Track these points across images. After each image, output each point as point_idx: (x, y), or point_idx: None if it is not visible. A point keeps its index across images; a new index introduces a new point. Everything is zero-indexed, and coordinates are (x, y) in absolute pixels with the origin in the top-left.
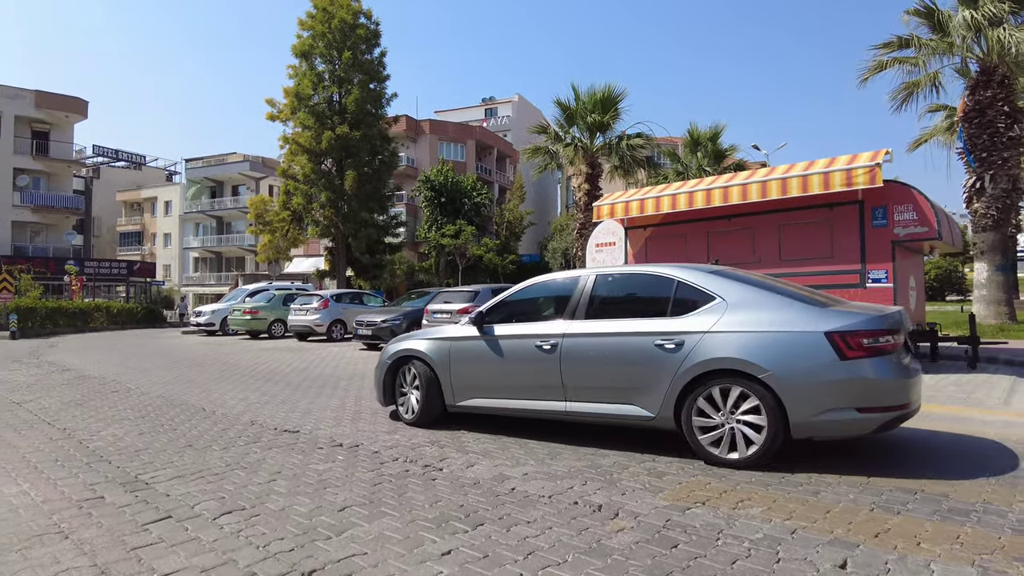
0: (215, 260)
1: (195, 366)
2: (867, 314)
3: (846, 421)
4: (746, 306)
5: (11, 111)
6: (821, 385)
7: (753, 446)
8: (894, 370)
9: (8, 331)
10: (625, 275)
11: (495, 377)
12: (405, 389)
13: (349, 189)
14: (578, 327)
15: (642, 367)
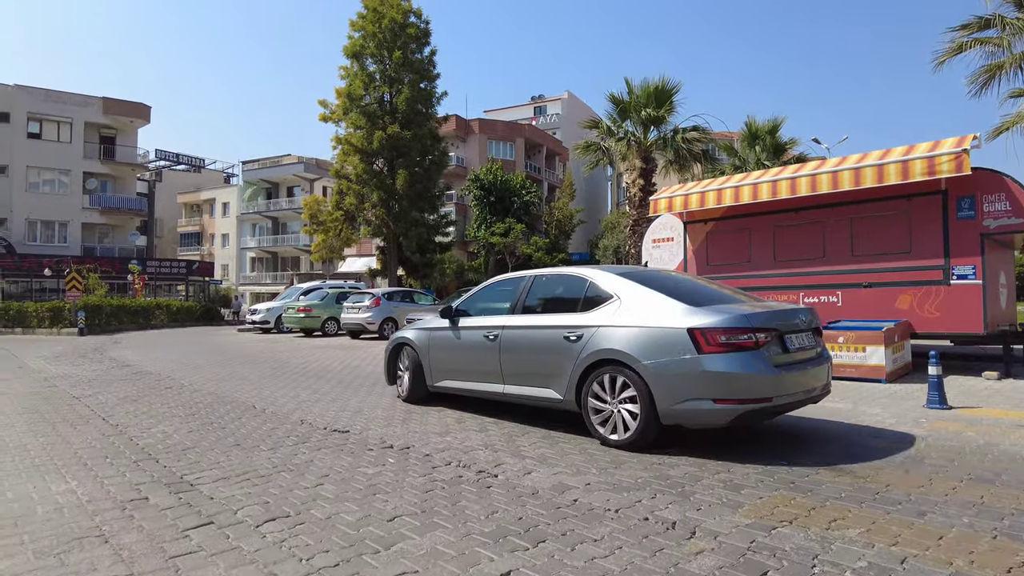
0: (271, 260)
1: (248, 363)
2: (733, 313)
3: (703, 411)
4: (635, 304)
5: (81, 118)
6: (682, 376)
7: (630, 430)
8: (753, 365)
9: (77, 328)
10: (555, 276)
11: (459, 363)
12: (401, 371)
13: (400, 188)
14: (514, 320)
15: (555, 355)
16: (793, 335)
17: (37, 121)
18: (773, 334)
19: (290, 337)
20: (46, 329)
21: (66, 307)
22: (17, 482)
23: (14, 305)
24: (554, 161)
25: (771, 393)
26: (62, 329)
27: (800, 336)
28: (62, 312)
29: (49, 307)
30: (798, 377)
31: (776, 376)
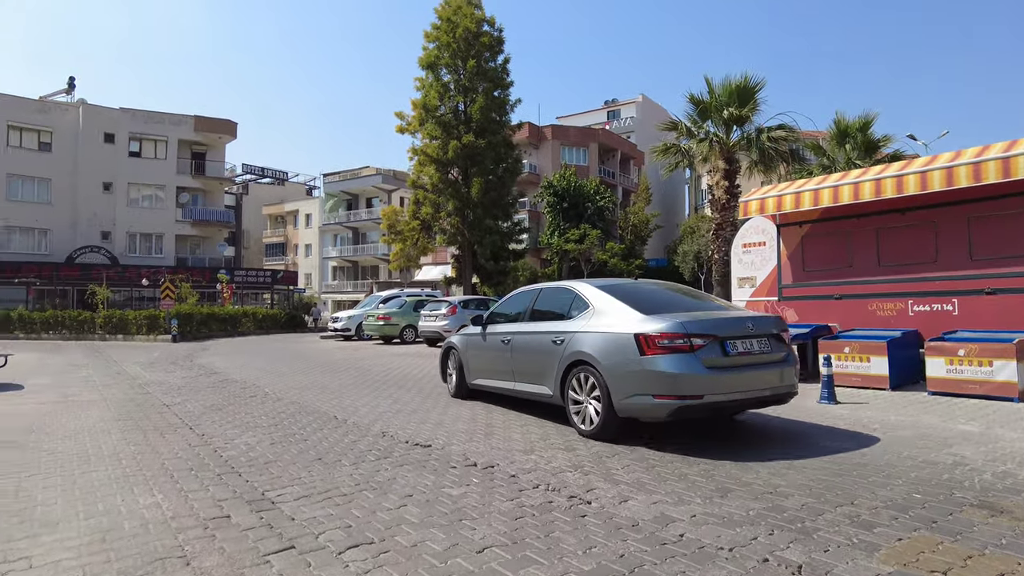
0: (351, 268)
1: (330, 371)
2: (673, 320)
3: (645, 405)
4: (603, 313)
5: (175, 135)
6: (630, 375)
7: (595, 422)
8: (687, 365)
9: (171, 335)
10: (553, 288)
11: (486, 363)
12: (449, 371)
13: (475, 197)
14: (522, 327)
15: (546, 356)
16: (737, 340)
17: (137, 140)
18: (711, 339)
19: (370, 344)
20: (143, 336)
21: (161, 315)
22: (108, 493)
23: (116, 313)
24: (628, 165)
25: (702, 391)
26: (157, 336)
27: (747, 342)
28: (157, 320)
29: (146, 315)
30: (736, 378)
31: (708, 376)
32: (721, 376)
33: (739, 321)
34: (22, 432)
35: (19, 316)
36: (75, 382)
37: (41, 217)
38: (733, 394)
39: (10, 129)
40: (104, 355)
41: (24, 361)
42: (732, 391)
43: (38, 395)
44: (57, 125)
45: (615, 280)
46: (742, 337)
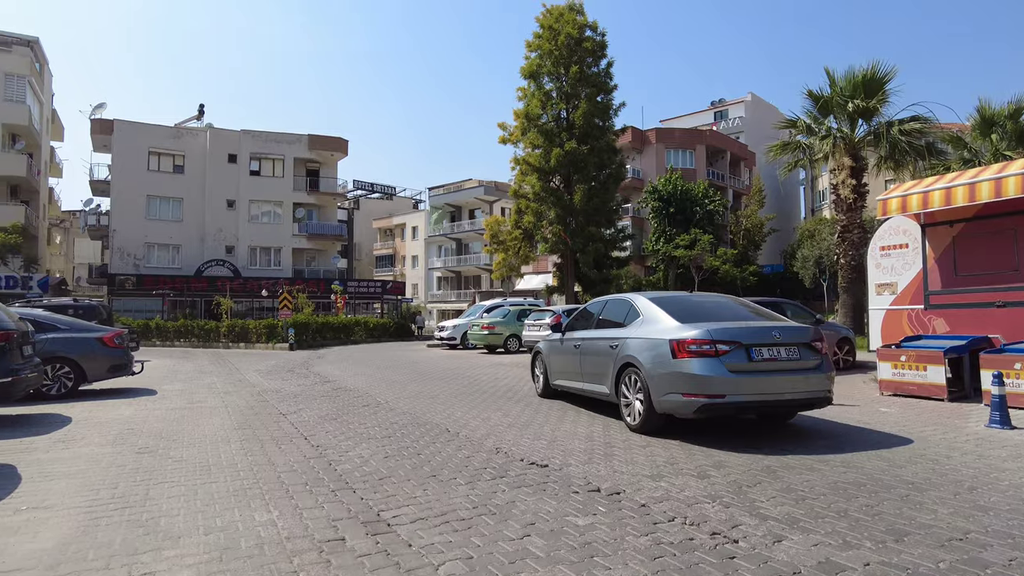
0: (455, 279)
1: (439, 380)
2: (703, 328)
3: (676, 402)
4: (650, 321)
5: (291, 154)
6: (664, 375)
7: (638, 417)
8: (712, 368)
9: (288, 343)
10: (616, 300)
11: (563, 366)
12: (537, 373)
13: (577, 204)
14: (589, 334)
15: (605, 359)
16: (763, 348)
17: (257, 160)
18: (735, 346)
19: (475, 353)
20: (263, 344)
21: (279, 324)
22: (226, 507)
23: (239, 323)
24: (739, 167)
25: (725, 392)
26: (276, 344)
27: (773, 349)
28: (276, 329)
29: (266, 324)
30: (759, 382)
31: (731, 378)
32: (744, 379)
33: (765, 330)
34: (154, 438)
35: (156, 325)
36: (201, 388)
37: (174, 234)
38: (756, 396)
39: (150, 155)
40: (227, 362)
41: (159, 367)
42: (755, 393)
43: (169, 401)
44: (188, 149)
45: (668, 292)
46: (768, 345)
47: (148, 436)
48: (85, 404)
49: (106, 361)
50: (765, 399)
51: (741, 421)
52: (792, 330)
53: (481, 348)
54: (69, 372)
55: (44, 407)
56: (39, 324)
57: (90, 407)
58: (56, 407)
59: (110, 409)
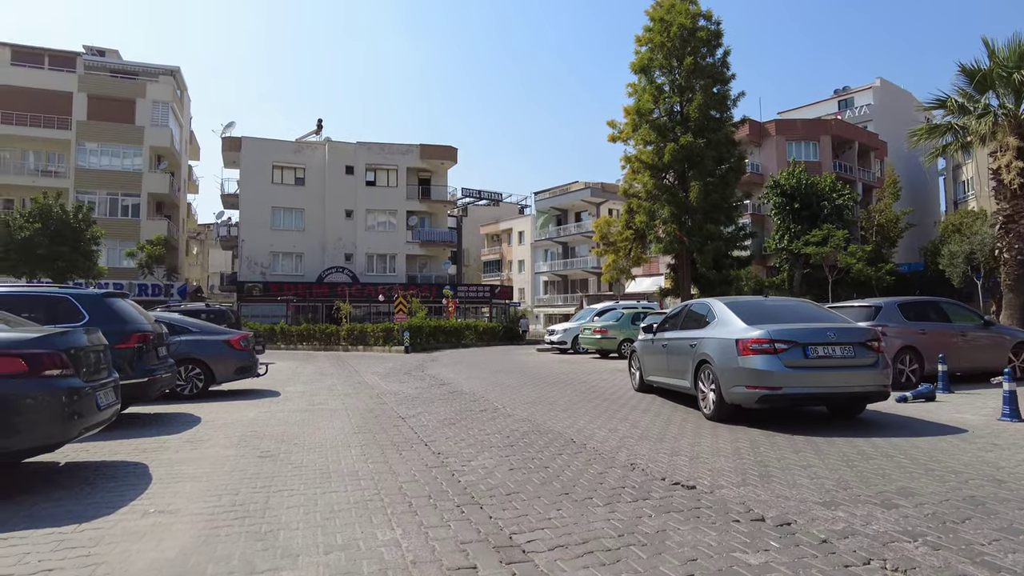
0: (561, 283)
1: (555, 385)
2: (764, 329)
3: (741, 393)
4: (722, 323)
5: (404, 164)
6: (731, 370)
7: (712, 407)
8: (770, 364)
9: (403, 346)
10: (697, 304)
11: (653, 363)
12: (633, 370)
13: (694, 201)
14: (674, 335)
15: (686, 357)
16: (818, 346)
17: (372, 171)
18: (792, 344)
19: (586, 358)
20: (380, 347)
21: (395, 328)
22: (347, 522)
23: (357, 326)
24: (868, 158)
25: (781, 384)
26: (392, 347)
27: (828, 347)
28: (392, 332)
29: (382, 328)
30: (814, 376)
31: (787, 373)
32: (799, 373)
33: (821, 331)
34: (276, 441)
35: (280, 329)
36: (322, 391)
37: (297, 242)
38: (810, 389)
39: (274, 168)
40: (346, 365)
41: (282, 369)
42: (809, 386)
43: (291, 403)
44: (308, 162)
45: (743, 297)
46: (823, 344)
47: (270, 439)
48: (213, 405)
49: (233, 363)
50: (819, 392)
51: None
52: (847, 331)
53: (593, 353)
54: (200, 373)
55: (177, 407)
56: (173, 327)
57: (218, 408)
58: (188, 407)
59: (236, 410)
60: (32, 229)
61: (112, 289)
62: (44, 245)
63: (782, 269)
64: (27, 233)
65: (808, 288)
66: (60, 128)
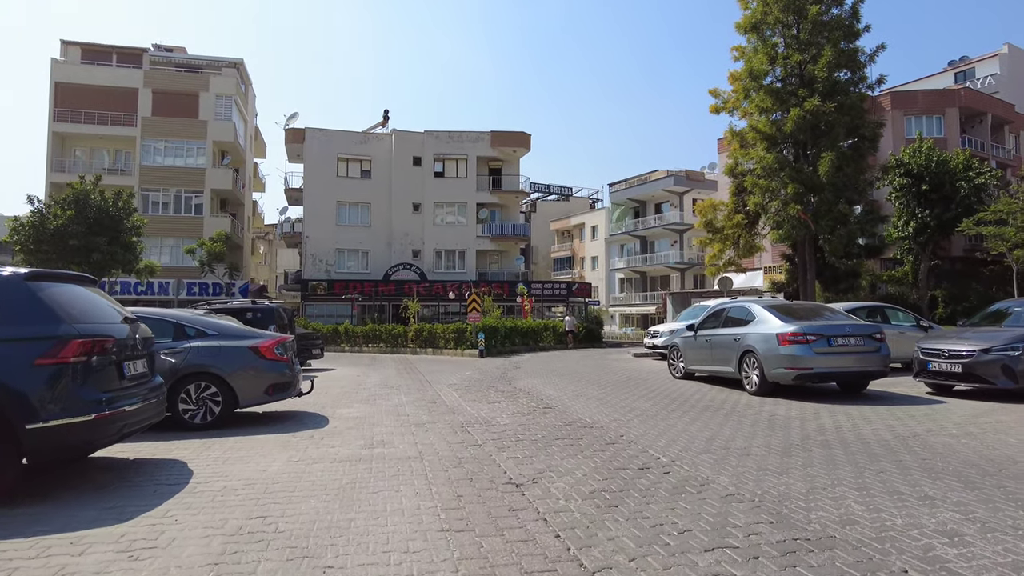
0: (639, 280)
1: (700, 410)
2: (798, 325)
3: (781, 373)
4: (762, 321)
5: (474, 153)
6: (773, 356)
7: (755, 386)
8: (804, 351)
9: (477, 349)
10: (737, 305)
11: (696, 355)
12: (673, 362)
13: (823, 176)
14: (717, 331)
15: (730, 349)
16: (839, 337)
17: (440, 161)
18: (820, 336)
19: None
20: (451, 350)
21: (468, 329)
22: None
23: (427, 327)
24: (1002, 132)
25: (812, 366)
26: (464, 350)
27: (846, 339)
28: (464, 333)
29: (453, 329)
30: (836, 359)
31: (816, 357)
32: (825, 358)
33: (841, 326)
34: (301, 536)
35: (345, 330)
36: (385, 416)
37: (363, 239)
38: (833, 369)
39: (339, 161)
40: (416, 372)
41: (340, 379)
42: (832, 367)
43: (340, 441)
44: (375, 154)
45: (774, 300)
46: (842, 336)
47: (287, 537)
48: (226, 443)
49: (263, 378)
50: (841, 370)
51: None
52: (860, 326)
53: None
54: (216, 393)
55: (172, 445)
56: (180, 328)
57: (228, 451)
58: (188, 446)
59: (252, 457)
60: (65, 217)
61: (45, 271)
62: (79, 235)
63: (906, 261)
64: (60, 222)
65: (937, 282)
66: (127, 125)
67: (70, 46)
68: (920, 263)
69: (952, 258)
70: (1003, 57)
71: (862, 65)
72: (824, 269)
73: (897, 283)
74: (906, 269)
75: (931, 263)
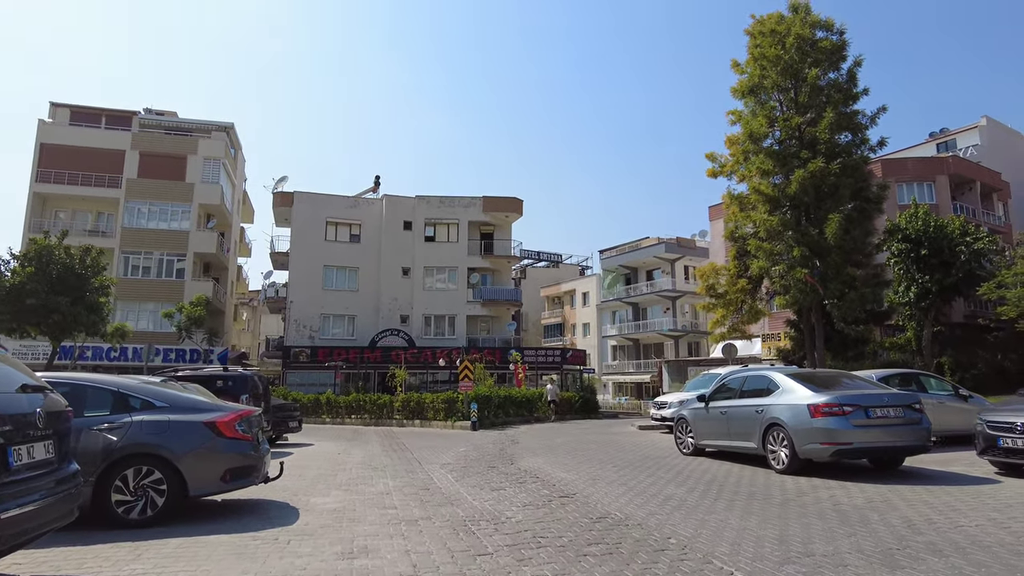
0: (632, 347)
1: (757, 499)
2: (832, 395)
3: (816, 449)
4: (785, 391)
5: (466, 217)
6: (805, 430)
7: (785, 463)
8: (840, 424)
9: (470, 421)
10: (756, 375)
11: (709, 428)
12: (681, 436)
13: (831, 239)
14: (732, 403)
15: (751, 422)
16: (876, 408)
17: (432, 225)
18: (857, 407)
19: None
20: (440, 421)
21: (459, 398)
22: None
23: (415, 396)
24: (991, 200)
25: (851, 440)
26: (455, 422)
27: (884, 410)
28: (455, 404)
29: (443, 398)
30: (874, 433)
31: (854, 431)
32: (864, 431)
33: (878, 396)
34: None
35: (327, 400)
36: (369, 509)
37: (350, 304)
38: (873, 443)
39: (327, 225)
40: (403, 448)
41: (319, 456)
42: (872, 442)
43: (310, 546)
44: (364, 218)
45: (795, 368)
46: (880, 406)
47: None
48: (164, 548)
49: (220, 461)
50: (881, 445)
51: None
52: (898, 396)
53: None
54: (161, 480)
55: (95, 550)
56: (122, 399)
57: (163, 563)
58: (112, 554)
59: (195, 574)
60: (24, 274)
61: None
62: (38, 294)
63: (907, 327)
64: (19, 279)
65: (941, 349)
66: (111, 187)
67: (59, 108)
68: (923, 329)
69: (952, 324)
70: (982, 129)
71: (863, 127)
72: (832, 335)
73: (900, 350)
74: (908, 336)
75: (934, 329)
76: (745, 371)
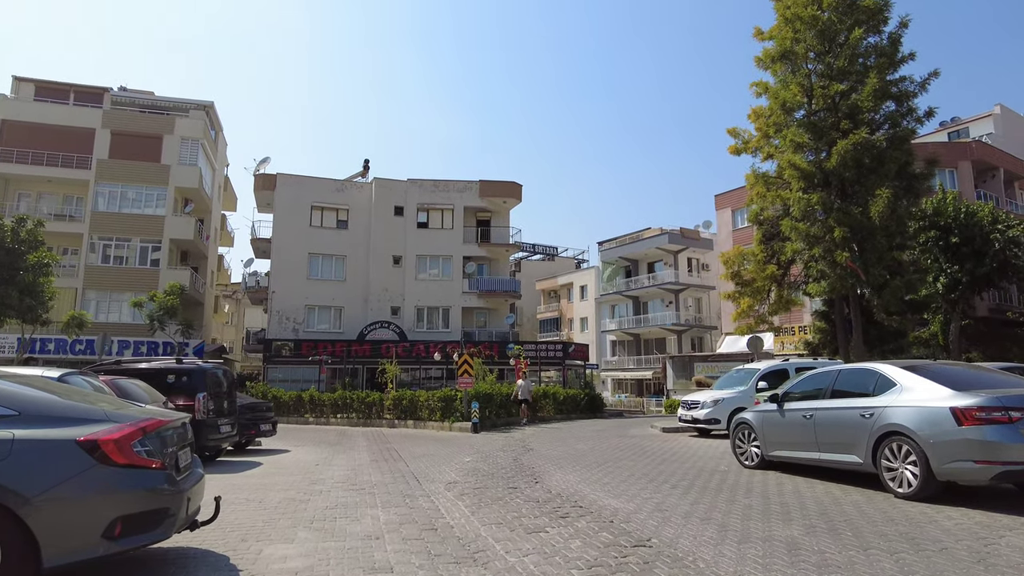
0: (632, 343)
1: (908, 545)
2: (989, 395)
3: (967, 469)
4: (906, 389)
5: (461, 203)
6: (947, 443)
7: (912, 486)
8: (1007, 435)
9: (470, 422)
10: (854, 369)
11: (787, 436)
12: (742, 444)
13: (876, 219)
14: (822, 404)
15: (854, 429)
16: None
17: (424, 211)
18: None
19: None
20: (436, 422)
21: (458, 396)
22: None
23: (407, 394)
24: (1013, 188)
25: (1020, 458)
26: (453, 422)
27: None
28: (452, 402)
29: (440, 396)
30: None
31: None
32: None
33: None
34: None
35: (310, 397)
36: (348, 568)
37: (337, 295)
38: None
39: (313, 210)
40: (396, 458)
41: (290, 470)
42: None
43: None
44: (352, 203)
45: (915, 360)
46: None
47: None
48: None
49: (104, 505)
50: None
51: None
52: None
53: None
54: None
55: None
56: None
57: None
58: None
59: None
60: None
61: None
62: None
63: (933, 321)
64: None
65: (969, 344)
66: (80, 167)
67: (23, 82)
68: (951, 323)
69: (977, 318)
70: (996, 117)
71: (911, 94)
72: (869, 327)
73: (923, 344)
74: (934, 329)
75: (962, 322)
76: (833, 365)
